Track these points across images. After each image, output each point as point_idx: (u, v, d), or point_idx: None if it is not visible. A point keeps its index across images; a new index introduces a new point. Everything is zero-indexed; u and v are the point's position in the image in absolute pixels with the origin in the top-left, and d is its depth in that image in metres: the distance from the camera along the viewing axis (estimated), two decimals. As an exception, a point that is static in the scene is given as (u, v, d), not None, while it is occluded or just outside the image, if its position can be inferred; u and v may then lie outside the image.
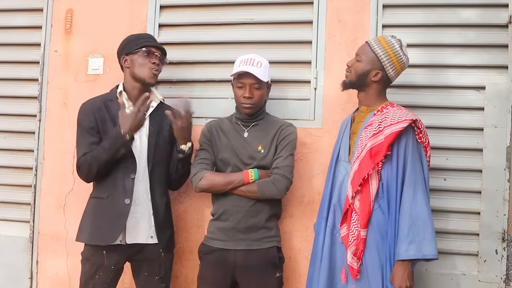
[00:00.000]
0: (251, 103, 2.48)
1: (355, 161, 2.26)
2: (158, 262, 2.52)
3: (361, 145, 2.27)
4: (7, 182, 3.14)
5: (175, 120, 2.42)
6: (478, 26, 2.63)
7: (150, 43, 2.56)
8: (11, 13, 3.18)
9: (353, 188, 2.22)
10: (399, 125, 2.17)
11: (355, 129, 2.37)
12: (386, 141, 2.18)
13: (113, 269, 2.46)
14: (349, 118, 2.45)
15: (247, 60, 2.49)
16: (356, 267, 2.20)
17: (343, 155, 2.38)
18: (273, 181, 2.43)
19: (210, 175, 2.47)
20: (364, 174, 2.20)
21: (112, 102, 2.53)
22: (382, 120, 2.24)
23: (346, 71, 2.40)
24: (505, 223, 2.54)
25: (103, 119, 2.49)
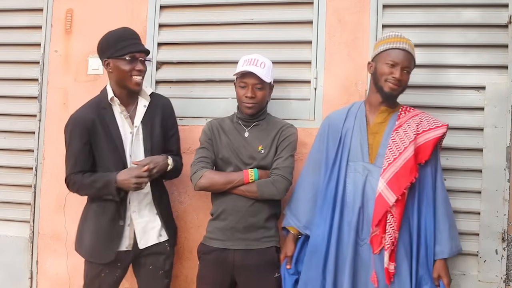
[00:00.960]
0: (253, 103, 2.48)
1: (391, 163, 2.23)
2: (164, 256, 2.54)
3: (397, 148, 2.25)
4: (7, 182, 3.14)
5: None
6: (478, 26, 2.63)
7: (133, 48, 2.41)
8: (11, 13, 3.19)
9: (396, 192, 2.19)
10: (439, 131, 2.28)
11: (377, 129, 2.33)
12: (429, 146, 2.25)
13: (119, 267, 2.48)
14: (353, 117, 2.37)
15: (251, 60, 2.49)
16: (393, 270, 2.20)
17: (358, 155, 2.31)
18: (272, 181, 2.43)
19: (210, 173, 2.47)
20: (412, 178, 2.21)
21: (106, 111, 2.46)
22: (418, 124, 2.29)
23: (395, 84, 2.25)
24: (505, 223, 2.54)
25: (96, 131, 2.43)
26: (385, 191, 2.22)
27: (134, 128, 2.49)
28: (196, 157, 2.54)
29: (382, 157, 2.28)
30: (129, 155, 2.47)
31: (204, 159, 2.52)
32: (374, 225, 2.22)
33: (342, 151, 2.35)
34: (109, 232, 2.43)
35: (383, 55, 2.30)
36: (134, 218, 2.48)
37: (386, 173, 2.24)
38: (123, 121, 2.48)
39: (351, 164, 2.32)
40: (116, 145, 2.44)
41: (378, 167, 2.27)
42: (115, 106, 2.48)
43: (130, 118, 2.50)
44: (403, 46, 2.28)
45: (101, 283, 2.46)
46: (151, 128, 2.52)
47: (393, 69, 2.26)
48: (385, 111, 2.35)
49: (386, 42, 2.31)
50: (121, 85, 2.46)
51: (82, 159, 2.44)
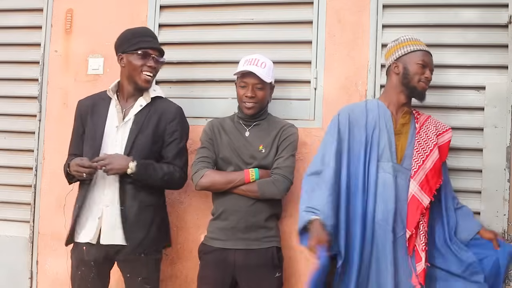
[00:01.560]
0: (253, 103, 2.48)
1: (421, 166, 2.26)
2: (140, 263, 2.46)
3: (423, 149, 2.29)
4: (7, 182, 3.14)
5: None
6: (478, 26, 2.63)
7: (146, 44, 2.47)
8: (11, 13, 3.19)
9: (428, 193, 2.24)
10: (450, 133, 2.39)
11: (401, 130, 2.35)
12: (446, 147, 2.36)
13: (93, 265, 2.45)
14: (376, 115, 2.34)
15: (251, 60, 2.50)
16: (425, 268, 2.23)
17: (387, 155, 2.29)
18: (273, 181, 2.43)
19: (210, 173, 2.48)
20: (441, 180, 2.29)
21: (104, 101, 2.54)
22: (435, 126, 2.38)
23: (427, 84, 2.35)
24: (505, 223, 2.54)
25: (86, 119, 2.53)
26: (418, 193, 2.25)
27: (121, 123, 2.49)
28: (197, 157, 2.54)
29: (409, 159, 2.30)
30: (112, 148, 2.46)
31: (205, 159, 2.52)
32: (412, 227, 2.22)
33: (371, 150, 2.31)
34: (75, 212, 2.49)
35: (412, 56, 2.34)
36: (104, 212, 2.44)
37: (417, 175, 2.26)
38: (115, 115, 2.50)
39: (380, 164, 2.30)
40: (95, 135, 2.48)
41: (406, 169, 2.29)
42: (114, 99, 2.52)
43: (123, 113, 2.51)
44: (427, 49, 2.38)
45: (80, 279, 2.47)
46: (141, 129, 2.48)
47: (425, 70, 2.33)
48: (408, 112, 2.39)
49: (412, 44, 2.37)
50: (131, 80, 2.50)
51: (75, 143, 2.58)
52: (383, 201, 2.26)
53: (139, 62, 2.46)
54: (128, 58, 2.48)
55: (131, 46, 2.47)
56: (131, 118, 2.49)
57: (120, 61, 2.52)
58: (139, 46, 2.47)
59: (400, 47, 2.38)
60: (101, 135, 2.47)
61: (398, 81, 2.37)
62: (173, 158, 2.52)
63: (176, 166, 2.52)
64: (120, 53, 2.51)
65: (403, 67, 2.35)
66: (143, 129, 2.48)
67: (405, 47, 2.36)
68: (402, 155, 2.32)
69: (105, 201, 2.45)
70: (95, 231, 2.44)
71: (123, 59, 2.50)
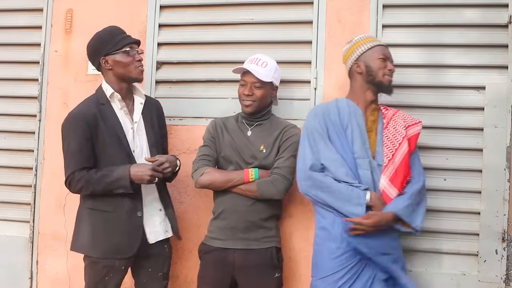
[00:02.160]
0: (251, 101, 2.49)
1: (391, 160, 2.30)
2: (163, 258, 2.54)
3: (392, 144, 2.32)
4: (7, 182, 3.14)
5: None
6: (478, 26, 2.63)
7: (128, 40, 2.48)
8: (11, 13, 3.19)
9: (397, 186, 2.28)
10: (419, 126, 2.39)
11: (371, 127, 2.38)
12: (415, 139, 2.36)
13: (123, 270, 2.46)
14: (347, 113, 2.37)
15: (253, 59, 2.52)
16: None
17: (363, 152, 2.33)
18: (272, 181, 2.43)
19: (211, 171, 2.48)
20: (410, 172, 2.31)
21: (105, 107, 2.46)
22: (403, 119, 2.39)
23: (391, 75, 2.39)
24: (505, 223, 2.54)
25: (98, 126, 2.41)
26: (387, 187, 2.29)
27: (134, 124, 2.50)
28: (199, 155, 2.55)
29: (380, 154, 2.34)
30: (132, 150, 2.47)
31: (206, 157, 2.52)
32: None
33: (349, 148, 2.34)
34: (128, 225, 2.40)
35: (371, 52, 2.38)
36: (145, 212, 2.46)
37: (387, 170, 2.30)
38: (124, 116, 2.49)
39: (358, 161, 2.33)
40: (119, 139, 2.43)
41: (379, 164, 2.33)
42: (114, 102, 2.49)
43: (130, 114, 2.51)
44: (384, 43, 2.45)
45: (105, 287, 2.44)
46: (151, 125, 2.55)
47: (386, 63, 2.38)
48: (376, 109, 2.41)
49: (367, 41, 2.42)
50: (124, 79, 2.48)
51: (85, 155, 2.39)
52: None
53: (129, 59, 2.45)
54: (114, 59, 2.44)
55: (115, 45, 2.44)
56: (138, 117, 2.52)
57: (104, 64, 2.46)
58: (123, 43, 2.45)
59: (357, 47, 2.41)
60: (124, 137, 2.44)
61: (362, 80, 2.40)
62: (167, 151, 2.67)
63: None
64: (102, 56, 2.45)
65: (365, 65, 2.38)
66: (153, 126, 2.55)
67: (361, 46, 2.40)
68: (374, 152, 2.36)
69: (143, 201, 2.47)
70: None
71: (108, 62, 2.45)
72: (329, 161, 2.31)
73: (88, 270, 2.47)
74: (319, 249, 2.37)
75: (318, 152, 2.34)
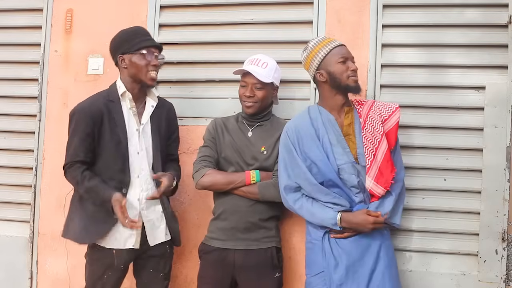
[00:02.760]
0: (252, 102, 2.49)
1: (373, 160, 2.28)
2: (164, 259, 2.55)
3: (372, 144, 2.31)
4: (7, 182, 3.14)
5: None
6: (478, 26, 2.63)
7: (148, 43, 2.47)
8: (11, 13, 3.19)
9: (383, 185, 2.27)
10: (397, 114, 2.34)
11: (348, 131, 2.35)
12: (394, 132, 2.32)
13: (122, 269, 2.47)
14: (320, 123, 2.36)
15: (253, 60, 2.52)
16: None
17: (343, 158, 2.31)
18: (274, 183, 2.43)
19: (212, 172, 2.48)
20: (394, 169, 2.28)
21: (114, 104, 2.46)
22: (379, 113, 2.35)
23: (355, 76, 2.33)
24: (505, 223, 2.54)
25: (102, 123, 2.42)
26: (374, 187, 2.29)
27: (140, 126, 2.50)
28: (199, 156, 2.55)
29: (362, 156, 2.32)
30: (137, 152, 2.47)
31: (207, 158, 2.52)
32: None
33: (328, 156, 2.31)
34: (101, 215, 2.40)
35: (330, 57, 2.33)
36: (143, 216, 2.47)
37: (371, 171, 2.29)
38: (131, 117, 2.49)
39: (342, 167, 2.31)
40: (120, 139, 2.43)
41: (363, 166, 2.32)
42: (124, 101, 2.49)
43: (138, 115, 2.51)
44: (340, 42, 2.38)
45: (103, 285, 2.44)
46: (159, 129, 2.54)
47: (347, 63, 2.33)
48: (349, 111, 2.38)
49: (322, 46, 2.35)
50: (136, 80, 2.48)
51: (83, 149, 2.42)
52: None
53: (143, 62, 2.45)
54: (130, 59, 2.46)
55: (133, 46, 2.45)
56: (146, 119, 2.51)
57: (121, 63, 2.48)
58: (141, 46, 2.45)
59: (315, 55, 2.36)
60: (125, 138, 2.45)
61: (329, 87, 2.36)
62: (177, 154, 2.70)
63: (178, 161, 2.68)
64: (120, 54, 2.47)
65: (327, 72, 2.33)
66: (160, 131, 2.55)
67: (318, 53, 2.35)
68: (355, 155, 2.33)
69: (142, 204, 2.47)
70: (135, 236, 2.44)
71: (124, 60, 2.47)
72: (301, 180, 2.32)
73: (88, 267, 2.49)
74: (311, 247, 2.39)
75: (293, 170, 2.34)
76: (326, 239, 2.32)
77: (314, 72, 2.38)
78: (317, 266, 2.33)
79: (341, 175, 2.30)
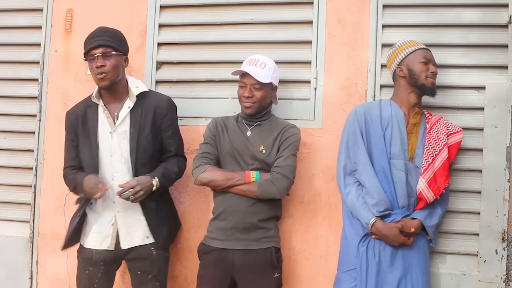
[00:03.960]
0: (251, 103, 2.49)
1: (430, 164, 2.34)
2: (151, 261, 2.51)
3: (433, 149, 2.36)
4: (7, 182, 3.14)
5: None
6: (478, 26, 2.63)
7: (87, 47, 2.43)
8: (11, 13, 3.18)
9: (435, 191, 2.33)
10: (461, 134, 2.45)
11: (412, 130, 2.42)
12: (456, 147, 2.42)
13: (102, 265, 2.48)
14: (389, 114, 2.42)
15: (251, 60, 2.51)
16: None
17: (400, 153, 2.38)
18: (273, 180, 2.43)
19: (212, 169, 2.48)
20: (449, 179, 2.36)
21: (91, 109, 2.52)
22: (447, 126, 2.43)
23: (434, 78, 2.42)
24: (505, 223, 2.54)
25: (78, 128, 2.52)
26: (425, 190, 2.33)
27: (113, 128, 2.49)
28: (199, 152, 2.55)
29: (419, 157, 2.39)
30: (110, 155, 2.48)
31: (207, 155, 2.52)
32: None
33: (385, 147, 2.40)
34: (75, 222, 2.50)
35: (413, 56, 2.42)
36: (118, 218, 2.48)
37: (426, 173, 2.34)
38: (105, 120, 2.50)
39: (393, 161, 2.39)
40: (90, 143, 2.48)
41: (416, 167, 2.38)
42: (100, 105, 2.51)
43: (112, 118, 2.50)
44: (425, 46, 2.46)
45: (89, 279, 2.49)
46: (139, 129, 2.49)
47: (428, 65, 2.42)
48: (419, 113, 2.45)
49: (409, 46, 2.46)
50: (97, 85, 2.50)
51: (70, 155, 2.56)
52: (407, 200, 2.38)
53: (90, 67, 2.46)
54: (88, 64, 2.49)
55: (84, 54, 2.47)
56: (124, 121, 2.49)
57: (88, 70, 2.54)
58: (85, 52, 2.46)
59: (400, 52, 2.46)
60: (96, 142, 2.48)
61: (406, 83, 2.44)
62: (176, 150, 2.62)
63: (180, 157, 2.63)
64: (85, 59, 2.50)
65: (407, 69, 2.42)
66: (141, 130, 2.49)
67: (404, 50, 2.44)
68: (413, 154, 2.40)
69: (117, 207, 2.48)
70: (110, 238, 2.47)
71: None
72: (359, 161, 2.41)
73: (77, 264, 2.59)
74: (345, 243, 2.44)
75: (354, 151, 2.44)
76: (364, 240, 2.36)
77: (395, 67, 2.46)
78: (349, 263, 2.38)
79: (391, 168, 2.37)
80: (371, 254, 2.33)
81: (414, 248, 2.35)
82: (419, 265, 2.34)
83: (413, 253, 2.34)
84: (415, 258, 2.35)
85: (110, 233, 2.48)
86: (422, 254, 2.38)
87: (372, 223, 2.32)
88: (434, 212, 2.39)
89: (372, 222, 2.32)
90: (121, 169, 2.48)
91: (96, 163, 2.46)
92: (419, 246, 2.37)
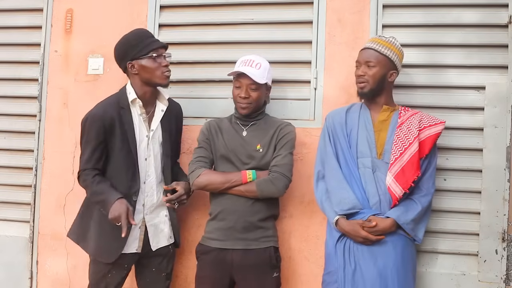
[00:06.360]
0: (247, 103, 2.49)
1: (398, 158, 2.30)
2: (167, 259, 2.57)
3: (402, 143, 2.33)
4: (7, 182, 3.14)
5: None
6: (478, 26, 2.63)
7: (156, 45, 2.45)
8: (11, 13, 3.19)
9: (403, 186, 2.27)
10: (439, 127, 2.36)
11: (381, 127, 2.41)
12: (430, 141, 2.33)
13: (125, 268, 2.50)
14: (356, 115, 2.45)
15: (246, 61, 2.50)
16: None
17: (366, 151, 2.38)
18: (271, 179, 2.43)
19: (207, 172, 2.48)
20: (418, 172, 2.28)
21: (125, 111, 2.45)
22: (420, 120, 2.37)
23: (359, 81, 2.41)
24: (505, 223, 2.54)
25: (113, 131, 2.42)
26: (392, 185, 2.30)
27: (150, 132, 2.51)
28: (194, 157, 2.55)
29: (388, 153, 2.36)
30: (144, 158, 2.49)
31: (202, 159, 2.52)
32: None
33: (351, 147, 2.41)
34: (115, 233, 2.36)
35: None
36: (147, 221, 2.50)
37: (393, 167, 2.31)
38: (141, 123, 2.49)
39: (360, 160, 2.39)
40: (129, 148, 2.44)
41: (386, 162, 2.35)
42: (134, 107, 2.49)
43: (148, 121, 2.51)
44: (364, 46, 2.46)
45: (107, 284, 2.46)
46: (169, 133, 2.56)
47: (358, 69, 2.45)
48: (387, 109, 2.43)
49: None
50: (150, 84, 2.48)
51: (95, 157, 2.43)
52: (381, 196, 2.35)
53: (155, 64, 2.43)
54: (140, 64, 2.43)
55: (141, 50, 2.42)
56: (156, 125, 2.52)
57: (130, 69, 2.45)
58: (150, 49, 2.43)
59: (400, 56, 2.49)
60: (135, 147, 2.45)
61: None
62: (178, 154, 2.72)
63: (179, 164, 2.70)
64: (129, 61, 2.45)
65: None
66: (170, 135, 2.57)
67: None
68: (381, 150, 2.38)
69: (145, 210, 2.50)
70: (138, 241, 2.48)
71: (134, 66, 2.44)
72: (327, 168, 2.45)
73: (92, 266, 2.51)
74: (326, 245, 2.45)
75: (323, 155, 2.48)
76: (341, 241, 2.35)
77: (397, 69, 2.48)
78: (330, 264, 2.39)
79: (359, 167, 2.37)
80: (347, 254, 2.32)
81: (390, 247, 2.30)
82: (395, 266, 2.28)
83: (389, 253, 2.29)
84: (392, 258, 2.29)
85: (138, 236, 2.48)
86: (400, 253, 2.31)
87: (335, 221, 2.34)
88: (410, 207, 2.32)
89: (335, 221, 2.34)
90: (151, 172, 2.51)
91: (136, 166, 2.45)
92: (396, 246, 2.31)
